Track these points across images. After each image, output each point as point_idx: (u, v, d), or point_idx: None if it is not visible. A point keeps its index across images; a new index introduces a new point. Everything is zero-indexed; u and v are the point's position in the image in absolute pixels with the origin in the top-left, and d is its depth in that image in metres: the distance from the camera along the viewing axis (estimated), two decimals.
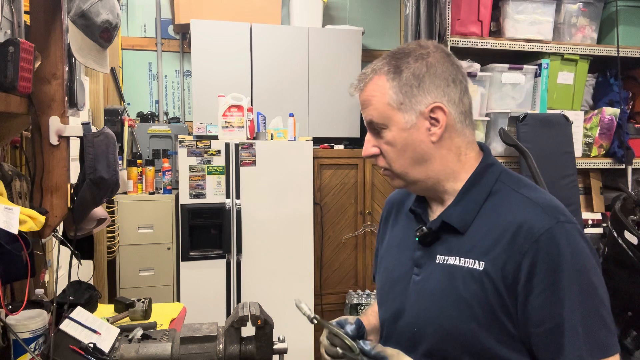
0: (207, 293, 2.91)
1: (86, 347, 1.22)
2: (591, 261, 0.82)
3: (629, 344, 2.04)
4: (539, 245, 0.80)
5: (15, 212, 1.10)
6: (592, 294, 0.81)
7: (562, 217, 0.83)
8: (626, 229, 1.93)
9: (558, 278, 0.79)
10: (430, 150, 0.89)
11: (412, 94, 0.88)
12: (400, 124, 0.89)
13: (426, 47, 0.91)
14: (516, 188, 0.90)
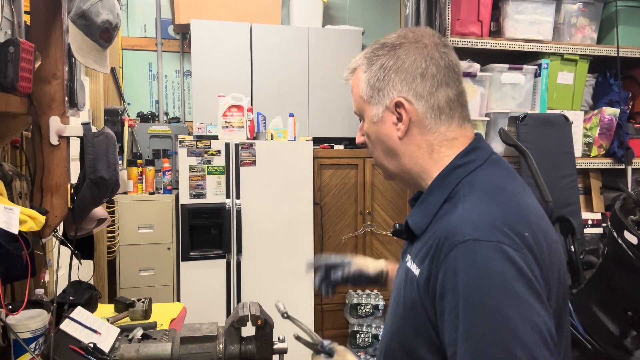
0: (207, 293, 2.91)
1: (86, 347, 1.22)
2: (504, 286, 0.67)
3: (629, 344, 2.03)
4: (447, 262, 0.71)
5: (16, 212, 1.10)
6: (496, 327, 0.65)
7: (479, 232, 0.70)
8: (626, 229, 1.93)
9: (455, 302, 0.69)
10: (398, 145, 0.86)
11: (379, 87, 0.85)
12: (370, 117, 0.88)
13: (404, 37, 0.86)
14: (467, 194, 0.78)
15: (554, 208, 2.57)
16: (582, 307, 2.22)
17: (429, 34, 0.86)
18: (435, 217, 0.81)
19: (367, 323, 3.12)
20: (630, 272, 1.95)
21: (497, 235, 0.70)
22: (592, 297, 2.18)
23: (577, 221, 2.82)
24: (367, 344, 3.08)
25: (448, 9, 2.93)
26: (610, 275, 2.07)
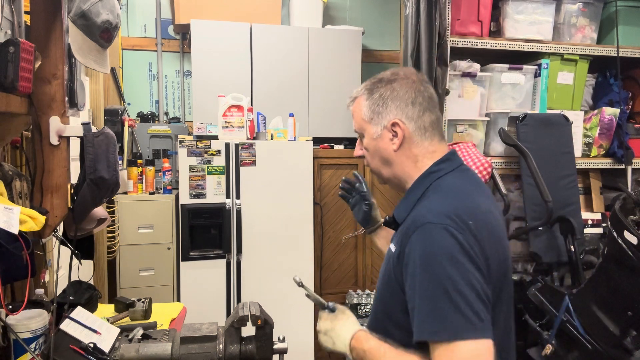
0: (207, 293, 2.92)
1: (86, 347, 1.23)
2: (448, 252, 0.93)
3: (629, 344, 2.04)
4: (412, 240, 0.98)
5: (16, 212, 1.10)
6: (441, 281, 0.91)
7: (435, 218, 0.97)
8: (626, 229, 1.93)
9: (415, 268, 0.96)
10: (392, 156, 1.13)
11: (379, 111, 1.12)
12: (371, 134, 1.14)
13: (397, 75, 1.13)
14: (434, 192, 1.06)
15: (554, 208, 2.57)
16: (582, 307, 2.22)
17: (414, 72, 1.15)
18: (412, 209, 1.06)
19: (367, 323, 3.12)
20: (630, 272, 1.96)
21: (446, 221, 0.96)
22: (592, 297, 2.18)
23: (577, 221, 2.82)
24: None
25: (448, 9, 2.93)
26: (610, 275, 2.07)
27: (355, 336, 1.09)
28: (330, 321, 1.15)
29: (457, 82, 3.02)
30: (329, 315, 1.17)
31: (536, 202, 2.74)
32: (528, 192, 2.86)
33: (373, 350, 1.03)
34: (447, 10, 2.93)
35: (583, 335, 2.19)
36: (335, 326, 1.14)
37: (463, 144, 2.90)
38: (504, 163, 3.05)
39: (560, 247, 2.83)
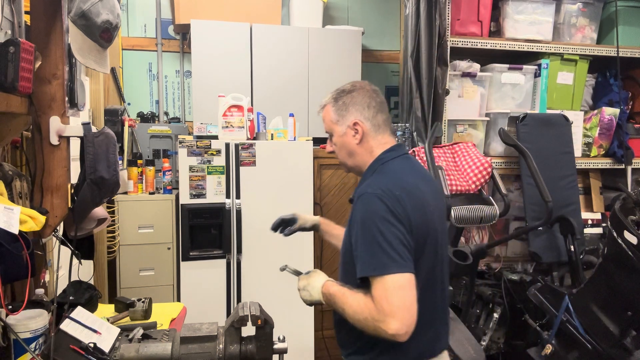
0: (207, 293, 2.91)
1: (86, 346, 1.23)
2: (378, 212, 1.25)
3: (629, 344, 2.04)
4: (356, 205, 1.32)
5: (16, 212, 1.10)
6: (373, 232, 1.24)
7: (371, 190, 1.29)
8: (626, 229, 1.93)
9: (357, 224, 1.29)
10: (355, 148, 1.44)
11: (343, 114, 1.44)
12: (338, 132, 1.46)
13: (355, 86, 1.46)
14: (379, 173, 1.39)
15: (554, 208, 2.57)
16: (582, 307, 2.22)
17: (368, 83, 1.48)
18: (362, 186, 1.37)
19: None
20: (630, 272, 1.96)
21: (378, 191, 1.28)
22: (592, 297, 2.18)
23: (576, 221, 2.82)
24: None
25: (448, 9, 2.93)
26: (610, 275, 2.07)
27: (324, 284, 1.38)
28: (306, 279, 1.43)
29: (457, 82, 3.02)
30: (305, 275, 1.45)
31: (536, 202, 2.74)
32: (528, 192, 2.86)
33: (337, 292, 1.34)
34: (447, 10, 2.93)
35: (583, 335, 2.19)
36: (310, 281, 1.41)
37: (463, 144, 2.90)
38: (504, 163, 3.05)
39: (560, 247, 2.83)
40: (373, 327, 1.21)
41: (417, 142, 3.14)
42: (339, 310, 1.32)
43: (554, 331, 2.33)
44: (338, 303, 1.32)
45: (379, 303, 1.19)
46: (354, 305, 1.26)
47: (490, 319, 2.77)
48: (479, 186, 2.69)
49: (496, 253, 3.09)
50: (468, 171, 2.72)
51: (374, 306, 1.20)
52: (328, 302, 1.36)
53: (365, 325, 1.24)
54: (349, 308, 1.28)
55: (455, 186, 2.64)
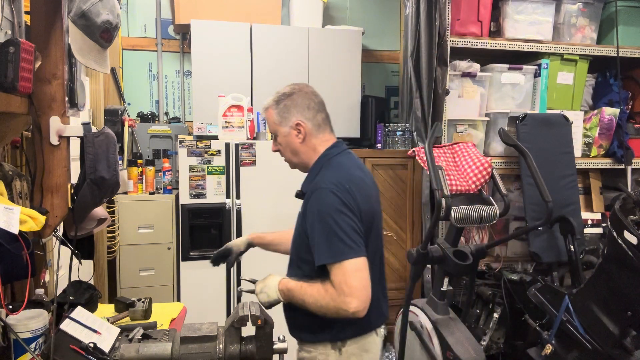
0: (207, 293, 2.91)
1: (86, 346, 1.23)
2: (333, 205, 1.39)
3: (629, 344, 2.04)
4: (311, 199, 1.44)
5: (16, 212, 1.10)
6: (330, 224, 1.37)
7: (326, 186, 1.42)
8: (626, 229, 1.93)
9: (313, 217, 1.41)
10: (299, 147, 1.55)
11: (285, 116, 1.53)
12: (282, 133, 1.55)
13: (294, 89, 1.56)
14: (325, 169, 1.51)
15: (554, 208, 2.57)
16: (582, 307, 2.22)
17: (307, 85, 1.59)
18: (312, 180, 1.50)
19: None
20: (630, 272, 1.95)
21: (331, 186, 1.41)
22: (592, 297, 2.18)
23: (577, 221, 2.82)
24: None
25: (448, 9, 2.93)
26: (610, 275, 2.07)
27: (280, 282, 1.48)
28: (262, 282, 1.53)
29: (457, 82, 3.02)
30: (260, 280, 1.55)
31: (536, 202, 2.74)
32: (528, 192, 2.86)
33: (294, 287, 1.45)
34: (447, 10, 2.93)
35: (583, 335, 2.19)
36: (266, 283, 1.51)
37: (463, 144, 2.90)
38: (504, 163, 3.05)
39: (560, 247, 2.83)
40: (335, 310, 1.35)
41: (417, 142, 3.14)
42: (299, 302, 1.43)
43: (554, 331, 2.33)
44: (297, 296, 1.42)
45: (339, 287, 1.33)
46: (315, 294, 1.38)
47: (490, 319, 2.77)
48: (479, 186, 2.69)
49: (496, 253, 3.09)
50: (468, 171, 2.72)
51: (334, 290, 1.34)
52: (286, 298, 1.46)
53: (326, 309, 1.37)
54: (309, 297, 1.40)
55: (455, 186, 2.65)
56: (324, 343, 1.49)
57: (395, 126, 3.42)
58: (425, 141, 2.85)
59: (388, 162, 3.28)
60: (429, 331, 2.29)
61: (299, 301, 1.43)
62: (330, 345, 1.49)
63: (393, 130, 3.42)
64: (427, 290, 3.01)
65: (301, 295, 1.41)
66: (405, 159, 3.27)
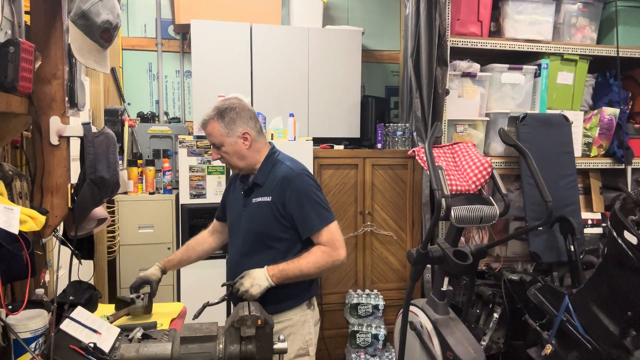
0: (207, 293, 2.90)
1: (86, 346, 1.22)
2: (312, 184, 1.75)
3: (629, 344, 2.03)
4: (291, 184, 1.72)
5: (16, 212, 1.10)
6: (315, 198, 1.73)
7: (300, 171, 1.75)
8: (626, 229, 1.93)
9: (299, 196, 1.71)
10: (246, 152, 1.78)
11: (231, 128, 1.74)
12: (229, 143, 1.75)
13: (234, 103, 1.77)
14: (283, 161, 1.80)
15: (554, 208, 2.57)
16: (582, 307, 2.22)
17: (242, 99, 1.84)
18: (269, 174, 1.78)
19: (367, 323, 3.12)
20: (630, 272, 1.96)
21: (301, 171, 1.77)
22: (592, 297, 2.18)
23: (577, 221, 2.82)
24: (367, 343, 3.08)
25: (448, 9, 2.93)
26: (610, 275, 2.07)
27: (267, 269, 1.67)
28: (247, 277, 1.67)
29: (457, 82, 3.02)
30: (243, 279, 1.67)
31: (536, 202, 2.74)
32: (528, 192, 2.86)
33: (286, 265, 1.68)
34: (447, 10, 2.93)
35: (583, 335, 2.19)
36: (253, 276, 1.67)
37: (463, 144, 2.90)
38: (504, 163, 3.05)
39: (560, 247, 2.83)
40: (331, 263, 1.70)
41: (417, 142, 3.14)
42: (296, 275, 1.68)
43: (554, 331, 2.34)
44: (293, 271, 1.67)
45: (331, 243, 1.70)
46: (312, 259, 1.69)
47: (490, 319, 2.77)
48: (479, 186, 2.69)
49: (496, 253, 3.09)
50: (468, 171, 2.72)
51: (328, 248, 1.70)
52: (280, 279, 1.66)
53: (325, 266, 1.70)
54: (306, 265, 1.68)
55: (455, 186, 2.65)
56: (301, 305, 1.79)
57: (395, 126, 3.42)
58: (425, 141, 2.85)
59: (388, 162, 3.28)
60: (429, 331, 2.29)
61: (295, 274, 1.68)
62: (306, 304, 1.81)
63: (393, 130, 3.42)
64: (427, 290, 3.01)
65: (297, 268, 1.68)
66: (405, 159, 3.27)
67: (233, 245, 1.90)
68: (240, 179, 1.91)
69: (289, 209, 1.72)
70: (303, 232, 1.73)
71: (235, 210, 1.89)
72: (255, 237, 1.78)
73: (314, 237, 1.72)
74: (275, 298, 1.71)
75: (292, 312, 1.78)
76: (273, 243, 1.76)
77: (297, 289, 1.77)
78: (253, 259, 1.76)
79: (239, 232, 1.84)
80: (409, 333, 2.34)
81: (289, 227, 1.75)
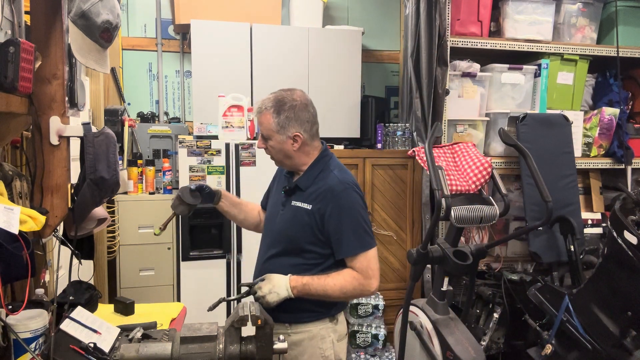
0: (207, 293, 2.91)
1: (86, 346, 1.22)
2: (359, 202, 1.61)
3: (629, 344, 2.04)
4: (335, 199, 1.59)
5: (16, 212, 1.10)
6: (358, 219, 1.59)
7: (348, 185, 1.61)
8: (626, 229, 1.93)
9: (341, 214, 1.58)
10: (293, 153, 1.68)
11: (284, 127, 1.64)
12: (277, 140, 1.66)
13: (295, 100, 1.66)
14: (332, 169, 1.67)
15: (554, 208, 2.57)
16: (582, 307, 2.22)
17: (303, 94, 1.72)
18: (314, 180, 1.66)
19: (367, 323, 3.12)
20: (630, 272, 1.96)
21: (352, 185, 1.63)
22: (592, 297, 2.18)
23: (577, 221, 2.82)
24: (367, 343, 3.08)
25: (448, 9, 2.93)
26: (610, 275, 2.07)
27: (290, 279, 1.57)
28: (267, 282, 1.57)
29: (457, 82, 3.02)
30: (262, 282, 1.58)
31: (536, 202, 2.74)
32: (528, 192, 2.86)
33: (310, 280, 1.57)
34: (447, 10, 2.93)
35: (583, 335, 2.19)
36: (274, 283, 1.57)
37: (463, 144, 2.90)
38: (504, 163, 3.05)
39: (560, 247, 2.83)
40: (359, 292, 1.60)
41: (417, 142, 3.14)
42: (319, 293, 1.57)
43: (554, 331, 2.34)
44: (316, 288, 1.56)
45: (365, 272, 1.57)
46: (339, 283, 1.57)
47: (490, 319, 2.77)
48: (479, 186, 2.69)
49: (496, 253, 3.09)
50: (468, 171, 2.72)
51: (360, 275, 1.57)
52: (300, 292, 1.56)
53: (351, 294, 1.61)
54: (332, 287, 1.56)
55: (455, 186, 2.64)
56: (324, 319, 1.66)
57: (395, 126, 3.42)
58: (425, 141, 2.85)
59: (388, 162, 3.28)
60: (429, 331, 2.29)
61: (318, 292, 1.56)
62: (329, 319, 1.68)
63: (393, 130, 3.42)
64: (427, 290, 3.01)
65: (321, 287, 1.56)
66: (405, 159, 3.27)
67: (264, 242, 1.79)
68: (285, 174, 1.80)
69: (328, 224, 1.59)
70: (338, 253, 1.60)
71: (274, 207, 1.79)
72: (286, 241, 1.66)
73: (348, 260, 1.59)
74: (295, 307, 1.61)
75: (311, 325, 1.64)
76: (303, 252, 1.63)
77: (323, 304, 1.63)
78: (279, 261, 1.66)
79: (271, 230, 1.74)
80: (409, 333, 2.34)
81: (324, 241, 1.62)
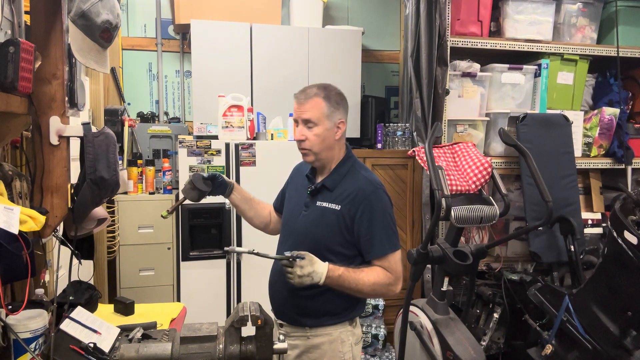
0: (207, 293, 2.91)
1: (86, 346, 1.22)
2: (388, 203, 1.63)
3: (629, 344, 2.04)
4: (367, 200, 1.60)
5: (16, 212, 1.10)
6: (388, 220, 1.61)
7: (377, 186, 1.63)
8: (626, 229, 1.93)
9: (372, 215, 1.59)
10: (334, 143, 1.67)
11: (333, 111, 1.64)
12: (325, 125, 1.64)
13: (339, 90, 1.71)
14: (359, 170, 1.68)
15: (554, 208, 2.57)
16: (582, 307, 2.22)
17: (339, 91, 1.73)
18: (342, 180, 1.66)
19: (367, 323, 3.12)
20: (630, 272, 1.96)
21: (381, 186, 1.64)
22: (592, 297, 2.18)
23: (577, 221, 2.82)
24: (367, 344, 3.07)
25: (448, 9, 2.93)
26: (610, 275, 2.07)
27: (329, 268, 1.54)
28: (310, 265, 1.51)
29: (457, 82, 3.02)
30: (304, 262, 1.51)
31: (536, 202, 2.74)
32: (528, 192, 2.86)
33: (346, 272, 1.56)
34: (447, 10, 2.93)
35: (583, 335, 2.19)
36: (315, 268, 1.52)
37: (463, 144, 2.90)
38: (504, 163, 3.05)
39: (560, 247, 2.82)
40: (387, 290, 1.60)
41: (417, 142, 3.14)
42: (351, 286, 1.56)
43: (554, 331, 2.34)
44: (349, 281, 1.55)
45: (393, 271, 1.59)
46: (373, 278, 1.57)
47: (490, 319, 2.77)
48: (479, 186, 2.69)
49: (496, 253, 3.09)
50: (468, 171, 2.72)
51: (390, 274, 1.59)
52: (333, 283, 1.54)
53: (379, 291, 1.59)
54: (365, 281, 1.56)
55: (455, 186, 2.64)
56: (344, 322, 1.67)
57: (395, 126, 3.42)
58: (425, 141, 2.85)
59: (388, 162, 3.28)
60: (429, 331, 2.29)
61: (350, 286, 1.56)
62: (349, 322, 1.68)
63: (393, 130, 3.42)
64: (427, 290, 3.01)
65: (354, 280, 1.55)
66: (405, 159, 3.27)
67: (285, 243, 1.73)
68: (307, 175, 1.77)
69: (358, 225, 1.59)
70: (368, 254, 1.60)
71: (295, 207, 1.75)
72: (312, 243, 1.61)
73: (377, 261, 1.59)
74: (319, 311, 1.64)
75: (332, 328, 1.65)
76: (328, 254, 1.60)
77: (344, 307, 1.66)
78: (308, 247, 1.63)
79: (293, 232, 1.71)
80: (409, 333, 2.34)
81: (351, 242, 1.62)
